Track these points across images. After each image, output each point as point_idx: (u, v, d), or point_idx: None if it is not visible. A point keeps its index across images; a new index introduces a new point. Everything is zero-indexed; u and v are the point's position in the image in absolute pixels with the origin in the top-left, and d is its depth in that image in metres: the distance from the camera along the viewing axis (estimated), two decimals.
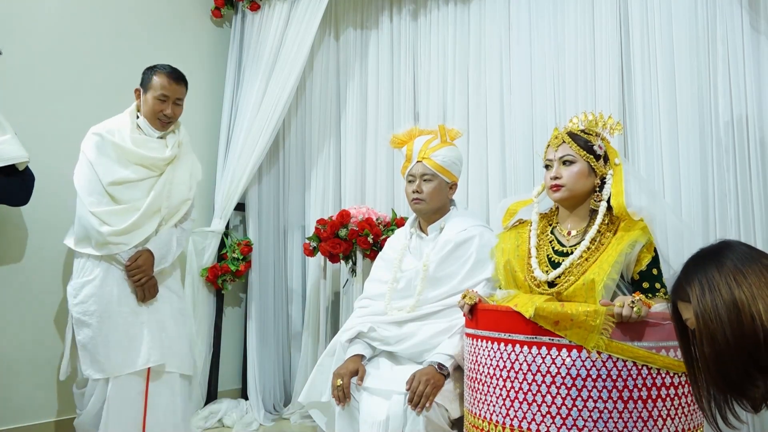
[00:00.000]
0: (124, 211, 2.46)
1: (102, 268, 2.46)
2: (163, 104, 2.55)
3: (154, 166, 2.55)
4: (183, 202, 2.62)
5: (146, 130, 2.59)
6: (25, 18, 2.88)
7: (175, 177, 2.60)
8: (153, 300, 2.52)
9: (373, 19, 3.59)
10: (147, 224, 2.51)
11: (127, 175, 2.50)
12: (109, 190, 2.48)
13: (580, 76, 2.78)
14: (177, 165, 2.62)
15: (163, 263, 2.54)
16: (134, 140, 2.53)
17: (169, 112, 2.57)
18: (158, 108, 2.55)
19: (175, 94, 2.58)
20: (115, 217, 2.44)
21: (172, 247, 2.58)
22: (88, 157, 2.49)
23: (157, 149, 2.57)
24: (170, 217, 2.59)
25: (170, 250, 2.57)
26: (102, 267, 2.46)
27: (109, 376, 2.40)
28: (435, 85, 3.28)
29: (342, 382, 2.08)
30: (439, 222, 2.33)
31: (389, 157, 3.39)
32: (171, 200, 2.57)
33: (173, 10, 3.54)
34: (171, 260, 2.58)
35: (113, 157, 2.51)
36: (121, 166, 2.50)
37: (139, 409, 2.44)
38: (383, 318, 2.24)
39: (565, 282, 1.85)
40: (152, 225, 2.52)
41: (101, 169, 2.48)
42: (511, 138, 2.97)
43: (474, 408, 1.80)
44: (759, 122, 2.37)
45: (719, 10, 2.46)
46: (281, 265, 3.69)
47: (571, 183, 1.93)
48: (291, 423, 3.33)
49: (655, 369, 1.61)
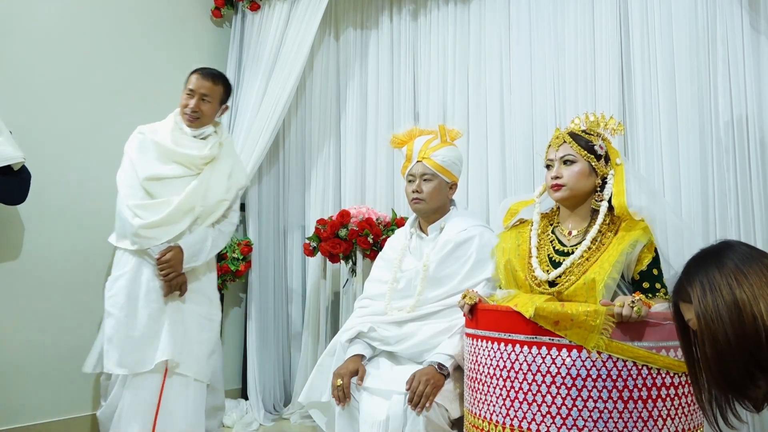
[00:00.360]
0: (156, 206, 2.49)
1: (135, 262, 2.50)
2: (189, 99, 2.60)
3: (191, 165, 2.58)
4: (219, 203, 2.62)
5: (181, 127, 2.64)
6: (25, 18, 2.87)
7: (213, 177, 2.61)
8: (179, 298, 2.52)
9: (373, 19, 3.59)
10: (180, 221, 2.51)
11: (164, 172, 2.55)
12: (144, 184, 2.52)
13: (580, 76, 2.78)
14: (215, 165, 2.63)
15: (194, 261, 2.54)
16: (174, 138, 2.59)
17: (193, 106, 2.59)
18: (184, 102, 2.61)
19: (201, 89, 2.61)
20: (147, 210, 2.48)
21: (206, 247, 2.57)
22: (129, 154, 2.57)
23: (196, 148, 2.60)
24: (206, 216, 2.59)
25: (203, 249, 2.56)
26: (135, 261, 2.50)
27: (127, 372, 2.42)
28: (435, 85, 3.28)
29: (342, 382, 2.08)
30: (439, 222, 2.33)
31: (389, 157, 3.39)
32: (207, 200, 2.58)
33: (173, 10, 3.54)
34: (203, 259, 2.57)
35: (153, 154, 2.58)
36: (159, 162, 2.56)
37: (151, 409, 2.43)
38: (383, 318, 2.24)
39: (565, 281, 1.85)
40: (185, 222, 2.52)
41: (139, 165, 2.55)
42: (511, 138, 2.97)
43: (474, 408, 1.80)
44: (759, 122, 2.37)
45: (719, 10, 2.47)
46: (281, 265, 3.69)
47: (571, 183, 1.93)
48: (291, 423, 3.33)
49: (655, 369, 1.61)
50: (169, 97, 3.35)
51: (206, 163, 2.61)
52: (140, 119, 2.77)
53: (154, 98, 3.24)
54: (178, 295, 2.52)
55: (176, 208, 2.50)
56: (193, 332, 2.55)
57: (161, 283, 2.49)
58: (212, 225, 2.62)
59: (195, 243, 2.54)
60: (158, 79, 3.35)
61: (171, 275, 2.47)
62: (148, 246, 2.48)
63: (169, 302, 2.50)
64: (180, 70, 2.65)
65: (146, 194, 2.52)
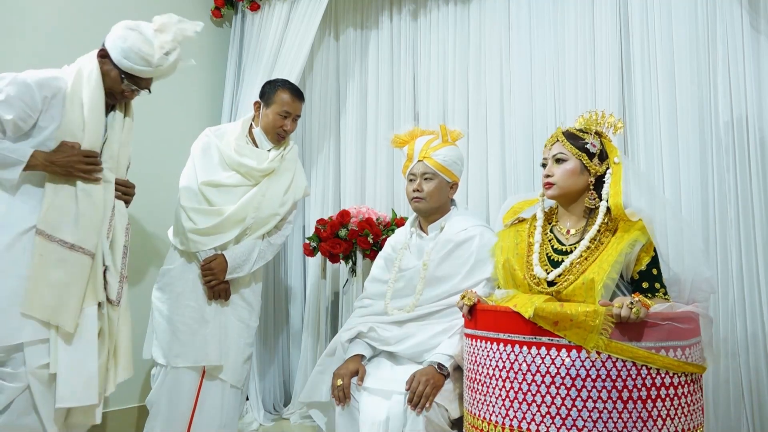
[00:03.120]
0: (209, 212, 2.51)
1: (183, 260, 2.54)
2: (284, 120, 2.61)
3: (249, 175, 2.57)
4: (272, 216, 2.59)
5: (260, 142, 2.64)
6: (25, 18, 2.88)
7: (269, 190, 2.59)
8: (222, 302, 2.54)
9: (373, 19, 3.59)
10: (229, 231, 2.51)
11: (222, 179, 2.56)
12: (202, 189, 2.54)
13: (580, 76, 2.78)
14: (274, 178, 2.62)
15: (238, 272, 2.53)
16: (237, 147, 2.60)
17: (289, 128, 2.63)
18: (279, 123, 2.61)
19: (296, 111, 2.64)
20: (200, 215, 2.51)
21: (251, 258, 2.55)
22: (193, 155, 2.59)
23: (257, 159, 2.59)
24: (257, 228, 2.57)
25: (248, 260, 2.54)
26: (183, 260, 2.54)
27: (167, 364, 2.45)
28: (435, 85, 3.28)
29: (342, 382, 2.08)
30: (439, 221, 2.33)
31: (389, 157, 3.40)
32: (260, 212, 2.55)
33: (173, 11, 3.49)
34: (248, 271, 2.55)
35: (214, 160, 2.60)
36: (220, 168, 2.58)
37: (188, 405, 2.46)
38: (383, 318, 2.24)
39: (564, 281, 1.85)
40: (234, 232, 2.52)
41: (200, 169, 2.57)
42: (511, 138, 2.97)
43: (473, 408, 1.80)
44: (759, 122, 2.37)
45: (719, 10, 2.47)
46: (281, 265, 3.69)
47: (561, 180, 1.94)
48: (291, 423, 3.33)
49: (654, 369, 1.61)
50: (169, 97, 3.36)
51: (265, 175, 2.60)
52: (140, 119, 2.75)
53: (154, 98, 3.23)
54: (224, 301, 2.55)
55: (227, 218, 2.51)
56: (233, 338, 2.56)
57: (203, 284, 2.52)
58: (262, 237, 2.60)
59: (240, 254, 2.53)
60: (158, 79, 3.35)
61: (213, 282, 2.49)
62: (196, 250, 2.50)
63: (212, 305, 2.52)
64: (180, 69, 2.65)
65: (203, 198, 2.54)
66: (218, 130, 2.70)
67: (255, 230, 2.57)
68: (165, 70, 2.16)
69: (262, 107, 2.65)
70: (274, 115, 2.60)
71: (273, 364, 3.56)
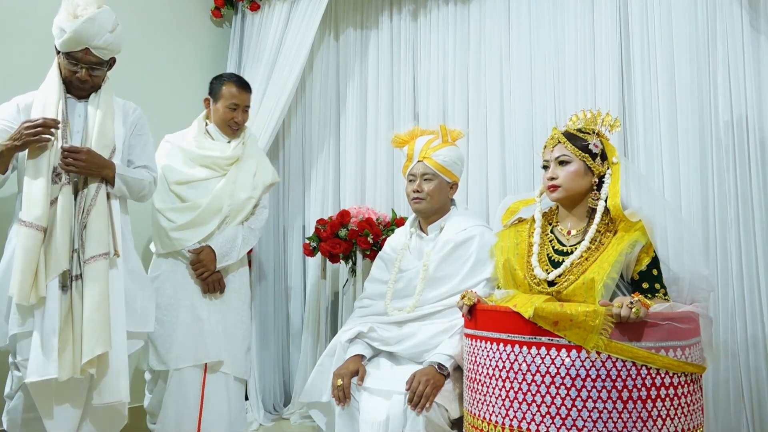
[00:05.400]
0: (185, 208, 2.57)
1: (168, 264, 2.58)
2: (233, 112, 2.69)
3: (216, 166, 2.65)
4: (247, 201, 2.66)
5: (216, 137, 2.72)
6: (25, 18, 2.87)
7: (239, 176, 2.67)
8: (216, 296, 2.58)
9: (373, 19, 3.59)
10: (209, 222, 2.57)
11: (191, 175, 2.63)
12: (174, 189, 2.61)
13: (580, 76, 2.78)
14: (240, 165, 2.70)
15: (227, 260, 2.58)
16: (198, 143, 2.67)
17: (240, 119, 2.71)
18: (229, 116, 2.69)
19: (244, 102, 2.73)
20: (177, 213, 2.56)
21: (237, 245, 2.62)
22: (159, 162, 2.61)
23: (219, 150, 2.68)
24: (235, 215, 2.63)
25: (234, 247, 2.61)
26: (168, 263, 2.58)
27: (168, 368, 2.48)
28: (435, 85, 3.28)
29: (342, 382, 2.08)
30: (439, 222, 2.33)
31: (389, 157, 3.40)
32: (234, 198, 2.63)
33: (173, 10, 3.54)
34: (236, 257, 2.62)
35: (180, 160, 2.66)
36: (186, 167, 2.65)
37: (195, 403, 2.49)
38: (383, 318, 2.24)
39: (564, 281, 1.85)
40: (214, 223, 2.58)
41: (168, 171, 2.63)
42: (511, 138, 2.97)
43: (473, 408, 1.81)
44: (759, 122, 2.37)
45: (719, 10, 2.47)
46: (281, 265, 3.69)
47: (567, 183, 1.94)
48: (291, 423, 3.33)
49: (654, 369, 1.61)
50: (169, 97, 3.36)
51: (231, 163, 2.68)
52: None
53: (154, 98, 3.24)
54: (219, 294, 2.58)
55: (205, 209, 2.56)
56: (231, 330, 2.61)
57: (194, 281, 2.55)
58: (241, 223, 2.66)
59: (226, 242, 2.58)
60: (158, 79, 3.35)
61: (205, 274, 2.53)
62: (181, 247, 2.54)
63: (206, 301, 2.56)
64: (180, 69, 2.67)
65: (176, 197, 2.60)
66: (175, 135, 2.77)
67: (234, 217, 2.63)
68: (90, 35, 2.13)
69: (211, 103, 2.73)
70: (223, 108, 2.68)
71: (273, 365, 3.55)
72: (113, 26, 2.19)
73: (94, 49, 2.16)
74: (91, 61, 2.19)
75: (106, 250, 2.13)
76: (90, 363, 2.03)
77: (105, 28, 2.15)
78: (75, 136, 2.20)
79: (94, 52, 2.17)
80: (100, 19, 2.13)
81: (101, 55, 2.19)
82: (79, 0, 2.13)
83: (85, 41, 2.13)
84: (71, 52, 2.15)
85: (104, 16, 2.15)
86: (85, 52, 2.16)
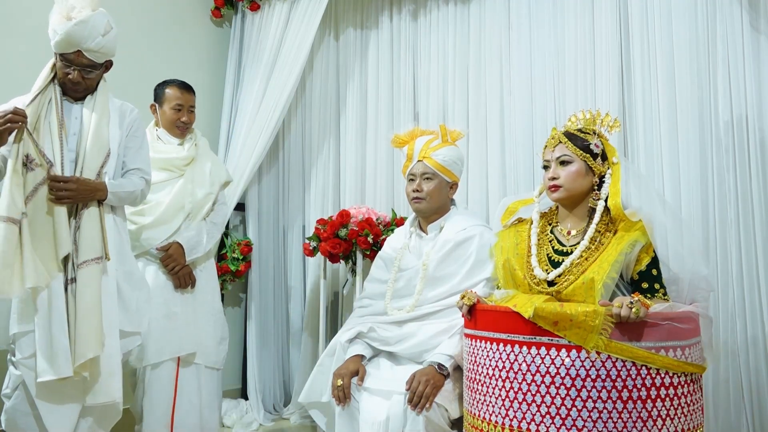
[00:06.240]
0: (148, 210, 2.65)
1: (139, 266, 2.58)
2: (179, 113, 2.78)
3: (173, 166, 2.74)
4: (207, 196, 2.78)
5: (166, 140, 2.80)
6: (25, 18, 2.88)
7: (196, 175, 2.78)
8: (187, 291, 2.67)
9: (373, 19, 3.59)
10: (173, 219, 2.67)
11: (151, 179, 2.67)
12: None
13: (580, 76, 2.78)
14: (195, 165, 2.81)
15: (194, 254, 2.68)
16: (153, 148, 2.71)
17: (186, 119, 2.80)
18: (176, 117, 2.78)
19: (188, 102, 2.82)
20: (140, 215, 2.63)
21: (202, 240, 2.72)
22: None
23: (174, 152, 2.77)
24: (197, 211, 2.75)
25: (200, 242, 2.71)
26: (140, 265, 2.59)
27: (145, 364, 2.55)
28: (435, 85, 3.28)
29: (342, 383, 2.08)
30: (439, 221, 2.33)
31: (389, 157, 3.40)
32: (195, 196, 2.73)
33: (173, 10, 3.54)
34: (202, 251, 2.72)
35: None
36: None
37: (169, 395, 2.58)
38: (383, 318, 2.24)
39: (564, 281, 1.85)
40: (178, 220, 2.68)
41: None
42: (511, 138, 2.97)
43: (473, 408, 1.80)
44: (759, 122, 2.37)
45: (719, 10, 2.47)
46: (281, 265, 3.70)
47: (568, 183, 1.93)
48: (291, 423, 3.34)
49: (654, 369, 1.61)
50: None
51: (186, 164, 2.78)
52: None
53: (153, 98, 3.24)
54: (190, 288, 2.67)
55: (168, 207, 2.66)
56: (202, 322, 2.69)
57: (166, 278, 2.62)
58: (204, 219, 2.77)
59: (192, 236, 2.69)
60: (158, 79, 3.33)
61: (177, 268, 2.61)
62: (150, 246, 2.61)
63: (178, 295, 2.64)
64: (180, 70, 2.68)
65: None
66: None
67: (196, 214, 2.74)
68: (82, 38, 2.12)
69: (157, 108, 2.82)
70: (169, 111, 2.78)
71: (273, 365, 3.56)
72: (106, 30, 2.18)
73: (86, 51, 2.16)
74: (84, 63, 2.18)
75: (98, 254, 2.14)
76: (82, 366, 2.05)
77: (97, 31, 2.14)
78: (71, 139, 2.21)
79: (87, 55, 2.17)
80: (92, 23, 2.13)
81: (94, 58, 2.19)
82: (75, 2, 2.13)
83: (76, 44, 2.13)
84: (64, 53, 2.16)
85: (97, 19, 2.14)
86: (78, 54, 2.16)
